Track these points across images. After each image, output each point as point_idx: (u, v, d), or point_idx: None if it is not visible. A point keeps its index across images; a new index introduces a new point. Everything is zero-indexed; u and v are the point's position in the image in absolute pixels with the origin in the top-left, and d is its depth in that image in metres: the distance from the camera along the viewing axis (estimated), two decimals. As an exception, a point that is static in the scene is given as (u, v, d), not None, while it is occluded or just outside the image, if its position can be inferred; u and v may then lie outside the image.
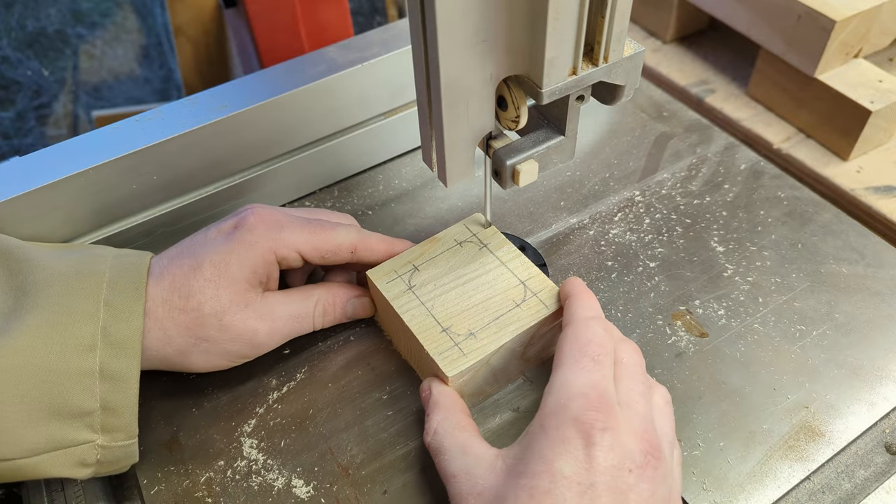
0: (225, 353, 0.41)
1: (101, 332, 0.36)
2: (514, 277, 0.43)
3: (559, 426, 0.32)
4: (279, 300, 0.42)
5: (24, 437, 0.35)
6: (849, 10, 0.58)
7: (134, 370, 0.37)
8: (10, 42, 1.33)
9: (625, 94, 0.37)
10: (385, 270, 0.43)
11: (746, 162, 0.57)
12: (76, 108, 1.44)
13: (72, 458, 0.36)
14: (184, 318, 0.39)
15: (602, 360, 0.35)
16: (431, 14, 0.30)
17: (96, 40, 1.41)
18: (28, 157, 0.47)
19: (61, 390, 0.35)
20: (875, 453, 0.41)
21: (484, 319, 0.41)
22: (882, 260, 0.49)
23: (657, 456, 0.33)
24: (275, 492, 0.39)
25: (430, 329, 0.40)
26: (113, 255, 0.39)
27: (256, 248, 0.40)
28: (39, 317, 0.35)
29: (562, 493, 0.31)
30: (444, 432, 0.37)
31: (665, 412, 0.36)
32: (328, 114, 0.53)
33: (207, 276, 0.39)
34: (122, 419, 0.37)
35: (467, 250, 0.44)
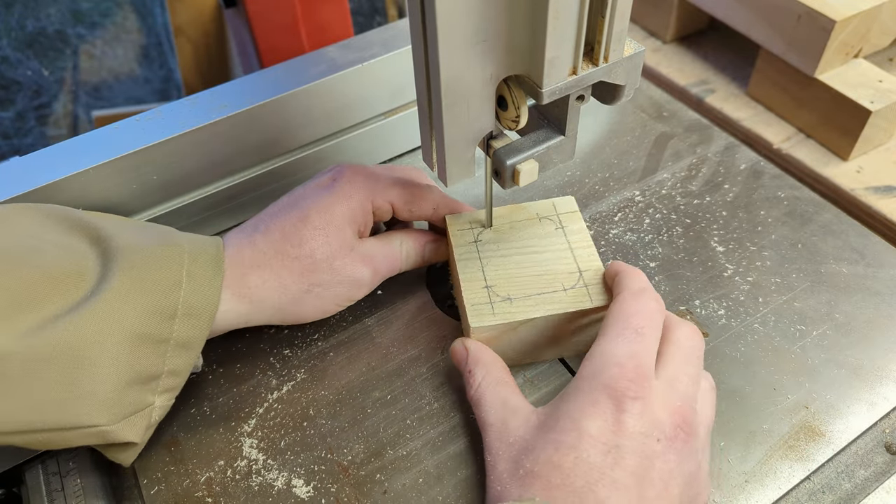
0: (335, 296, 0.43)
1: (182, 303, 0.37)
2: (574, 263, 0.44)
3: (592, 390, 0.34)
4: (374, 244, 0.45)
5: (116, 402, 0.36)
6: (849, 10, 0.58)
7: (202, 337, 0.39)
8: (10, 42, 1.33)
9: (625, 94, 0.37)
10: (462, 220, 0.46)
11: (746, 162, 0.57)
12: (76, 108, 1.44)
13: (143, 422, 0.37)
14: (298, 265, 0.41)
15: (645, 332, 0.35)
16: (431, 14, 0.30)
17: (96, 40, 1.41)
18: (28, 157, 0.47)
19: (143, 354, 0.36)
20: (875, 453, 0.41)
21: (527, 291, 0.42)
22: (882, 260, 0.49)
23: (688, 431, 0.33)
24: (275, 492, 0.39)
25: (474, 281, 0.43)
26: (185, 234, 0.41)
27: (356, 198, 0.43)
28: (127, 282, 0.36)
29: (585, 450, 0.32)
30: (487, 386, 0.39)
31: (708, 396, 0.37)
32: (328, 114, 0.53)
33: (316, 225, 0.42)
34: (178, 379, 0.39)
35: (544, 226, 0.46)
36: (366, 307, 0.48)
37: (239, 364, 0.45)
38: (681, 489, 0.33)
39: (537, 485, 0.32)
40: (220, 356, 0.46)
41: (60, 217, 0.39)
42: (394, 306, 0.48)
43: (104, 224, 0.39)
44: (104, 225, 0.39)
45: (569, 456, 0.32)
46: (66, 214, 0.40)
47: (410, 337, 0.46)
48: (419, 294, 0.49)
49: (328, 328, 0.47)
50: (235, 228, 0.44)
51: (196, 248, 0.39)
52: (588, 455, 0.32)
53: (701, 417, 0.35)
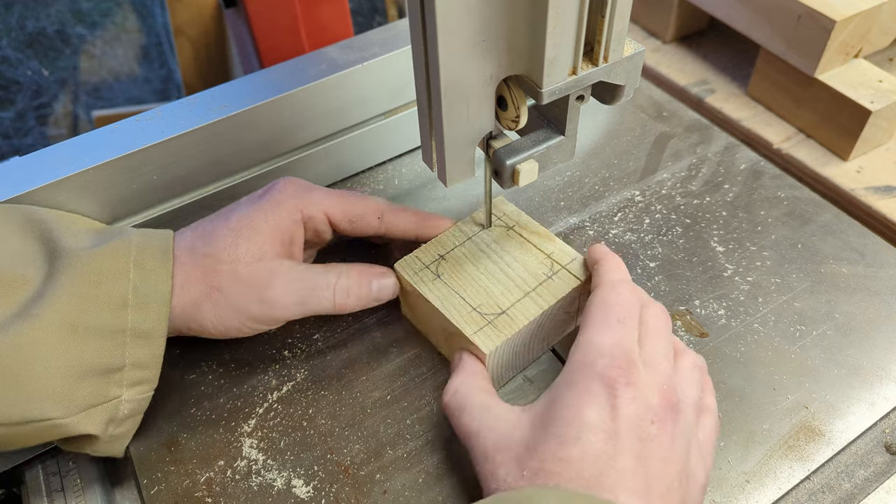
0: (235, 310, 0.40)
1: (133, 292, 0.37)
2: (541, 252, 0.44)
3: (585, 380, 0.34)
4: (297, 264, 0.42)
5: (68, 395, 0.36)
6: (849, 10, 0.58)
7: (162, 327, 0.38)
8: (10, 42, 1.33)
9: (625, 93, 0.37)
10: (411, 262, 0.44)
11: (746, 162, 0.57)
12: (76, 108, 1.44)
13: (104, 415, 0.37)
14: (202, 262, 0.40)
15: (627, 322, 0.36)
16: (431, 14, 0.30)
17: (96, 40, 1.41)
18: (28, 157, 0.47)
19: (96, 347, 0.36)
20: (875, 453, 0.41)
21: (512, 297, 0.42)
22: (882, 260, 0.49)
23: (676, 410, 0.34)
24: (275, 492, 0.39)
25: (461, 310, 0.41)
26: (137, 229, 0.41)
27: (283, 206, 0.42)
28: (73, 276, 0.37)
29: (589, 440, 0.32)
30: (467, 391, 0.38)
31: (691, 375, 0.37)
32: (328, 114, 0.53)
33: (231, 226, 0.41)
34: (148, 372, 0.39)
35: (491, 233, 0.46)
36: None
37: (239, 364, 0.45)
38: (678, 467, 0.33)
39: (548, 482, 0.32)
40: (220, 356, 0.46)
41: (18, 218, 0.40)
42: (394, 306, 0.48)
43: (57, 226, 0.40)
44: (57, 227, 0.39)
45: (575, 448, 0.32)
46: (24, 215, 0.40)
47: (410, 337, 0.46)
48: (419, 294, 0.49)
49: (328, 328, 0.47)
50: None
51: (144, 239, 0.40)
52: (592, 444, 0.32)
53: (681, 393, 0.36)
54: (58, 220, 0.40)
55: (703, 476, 0.35)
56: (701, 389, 0.37)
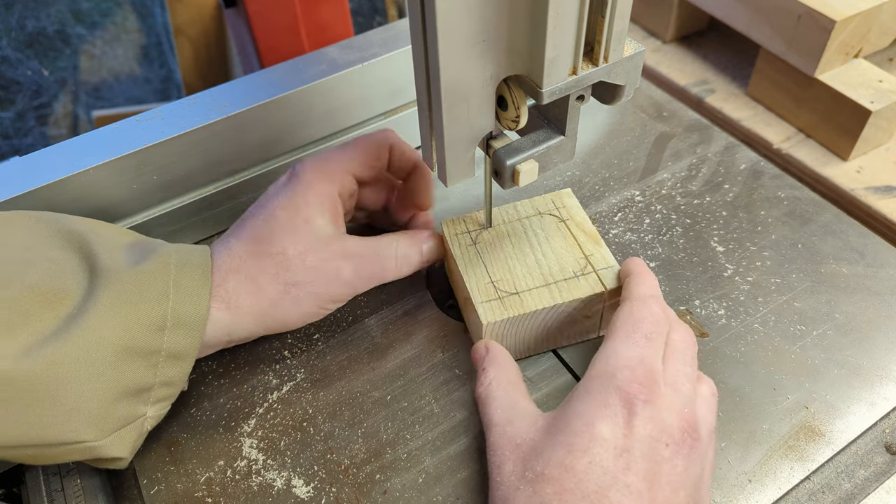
0: (314, 297, 0.41)
1: (171, 313, 0.37)
2: (581, 251, 0.44)
3: (603, 391, 0.34)
4: (358, 241, 0.42)
5: (101, 418, 0.35)
6: (849, 10, 0.58)
7: (195, 348, 0.38)
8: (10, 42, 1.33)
9: (625, 94, 0.37)
10: (457, 224, 0.46)
11: (746, 162, 0.57)
12: (76, 108, 1.44)
13: (133, 434, 0.37)
14: (271, 263, 0.40)
15: (654, 338, 0.36)
16: (431, 14, 0.30)
17: (96, 40, 1.41)
18: (28, 157, 0.47)
19: (132, 368, 0.36)
20: (875, 453, 0.41)
21: (533, 283, 0.42)
22: (882, 260, 0.49)
23: (695, 436, 0.33)
24: (275, 492, 0.39)
25: (478, 279, 0.43)
26: (174, 245, 0.41)
27: (313, 186, 0.42)
28: (112, 296, 0.36)
29: (598, 453, 0.32)
30: (498, 385, 0.39)
31: (710, 402, 0.37)
32: (328, 114, 0.53)
33: (282, 223, 0.41)
34: (173, 390, 0.39)
35: (545, 221, 0.46)
36: (366, 307, 0.48)
37: (239, 364, 0.45)
38: (688, 494, 0.33)
39: (548, 488, 0.32)
40: (220, 356, 0.46)
41: (55, 228, 0.39)
42: (394, 306, 0.48)
43: (95, 238, 0.39)
44: (94, 239, 0.39)
45: (582, 459, 0.32)
46: (62, 225, 0.39)
47: (410, 337, 0.46)
48: (419, 294, 0.49)
49: (328, 328, 0.47)
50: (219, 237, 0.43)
51: (182, 257, 0.39)
52: (601, 458, 0.32)
53: (701, 419, 0.35)
54: (94, 232, 0.39)
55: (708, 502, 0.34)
56: (716, 417, 0.37)
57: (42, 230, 0.39)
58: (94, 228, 0.40)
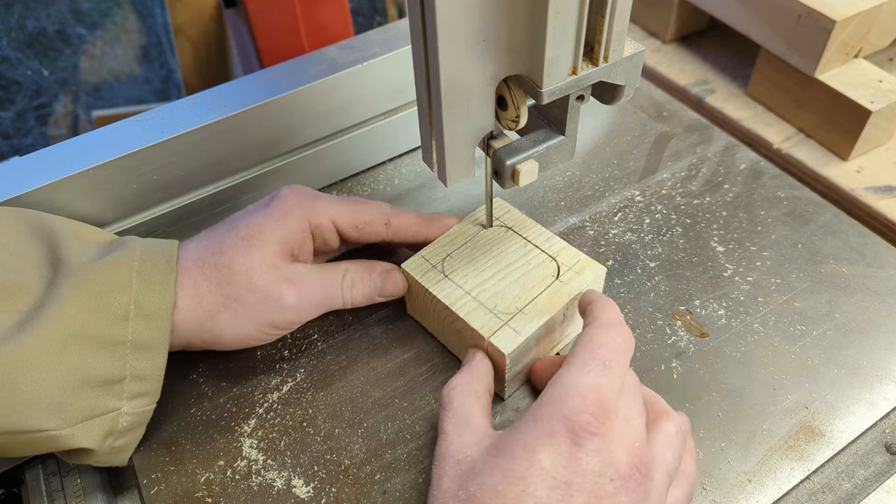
0: (253, 318, 0.40)
1: (134, 303, 0.37)
2: (545, 254, 0.44)
3: (550, 419, 0.32)
4: (306, 268, 0.42)
5: (62, 406, 0.35)
6: (849, 10, 0.58)
7: (164, 339, 0.38)
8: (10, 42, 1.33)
9: (625, 93, 0.37)
10: (418, 262, 0.44)
11: (746, 162, 0.57)
12: (76, 108, 1.44)
13: (102, 427, 0.37)
14: (215, 273, 0.39)
15: (612, 367, 0.34)
16: (431, 14, 0.30)
17: (96, 40, 1.41)
18: (28, 157, 0.47)
19: (95, 358, 0.36)
20: (875, 453, 0.41)
21: (527, 296, 0.42)
22: (882, 260, 0.49)
23: (644, 473, 0.32)
24: (275, 492, 0.39)
25: (476, 311, 0.41)
26: (142, 239, 0.41)
27: (291, 216, 0.41)
28: (75, 287, 0.36)
29: (534, 482, 0.30)
30: (460, 393, 0.38)
31: (672, 441, 0.35)
32: (328, 114, 0.53)
33: (241, 235, 0.40)
34: (149, 385, 0.38)
35: (494, 233, 0.46)
36: (366, 307, 0.48)
37: (239, 364, 0.45)
38: None
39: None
40: (219, 356, 0.46)
41: (28, 224, 0.39)
42: (394, 306, 0.48)
43: (66, 234, 0.39)
44: (65, 236, 0.39)
45: (515, 487, 0.30)
46: (36, 221, 0.40)
47: (410, 337, 0.46)
48: (419, 294, 0.49)
49: (328, 328, 0.47)
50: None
51: (147, 250, 0.39)
52: (535, 488, 0.30)
53: (657, 460, 0.33)
54: (67, 230, 0.40)
55: None
56: (679, 457, 0.35)
57: (14, 225, 0.39)
58: (72, 228, 0.40)
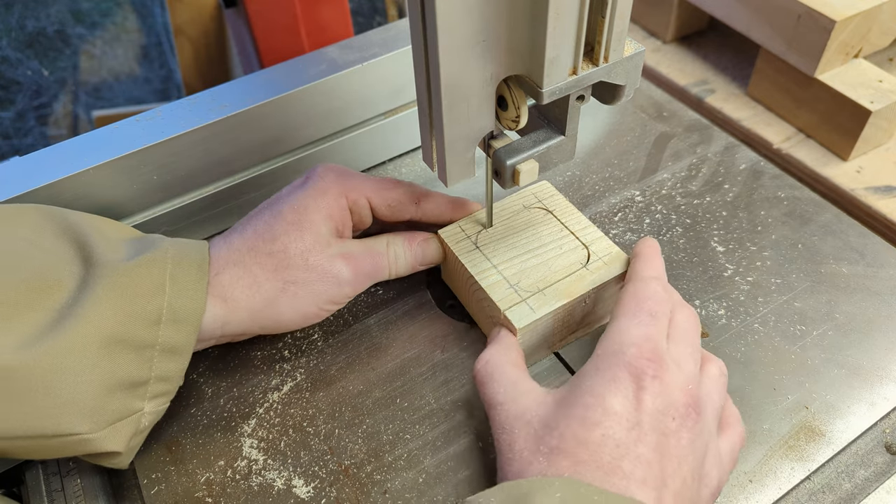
0: (313, 297, 0.41)
1: (167, 308, 0.37)
2: (578, 241, 0.44)
3: (612, 367, 0.34)
4: (356, 243, 0.43)
5: (98, 409, 0.35)
6: (849, 10, 0.58)
7: (190, 343, 0.38)
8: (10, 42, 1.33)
9: (625, 94, 0.37)
10: (454, 231, 0.45)
11: (746, 162, 0.57)
12: (76, 108, 1.44)
13: (129, 429, 0.37)
14: (271, 261, 0.40)
15: (658, 317, 0.36)
16: (431, 14, 0.30)
17: (96, 40, 1.41)
18: (28, 157, 0.47)
19: (126, 361, 0.36)
20: (875, 453, 0.41)
21: (550, 279, 0.42)
22: (882, 260, 0.49)
23: (698, 411, 0.34)
24: (275, 492, 0.39)
25: (497, 285, 0.42)
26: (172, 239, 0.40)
27: (330, 193, 0.42)
28: (107, 288, 0.36)
29: (611, 426, 0.33)
30: (497, 364, 0.39)
31: (717, 382, 0.37)
32: (328, 114, 0.53)
33: (289, 220, 0.41)
34: (170, 385, 0.38)
35: (533, 215, 0.46)
36: (366, 307, 0.48)
37: (239, 364, 0.45)
38: (692, 467, 0.33)
39: (564, 461, 0.32)
40: (220, 357, 0.46)
41: (56, 221, 0.39)
42: (394, 306, 0.48)
43: (94, 232, 0.39)
44: (93, 233, 0.39)
45: (595, 431, 0.33)
46: (63, 219, 0.40)
47: (410, 337, 0.46)
48: (419, 294, 0.49)
49: (328, 328, 0.47)
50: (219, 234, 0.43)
51: (180, 252, 0.39)
52: (614, 431, 0.33)
53: (705, 396, 0.36)
54: (94, 227, 0.40)
55: (716, 482, 0.35)
56: (724, 396, 0.37)
57: (43, 223, 0.39)
58: (95, 224, 0.40)
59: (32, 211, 0.40)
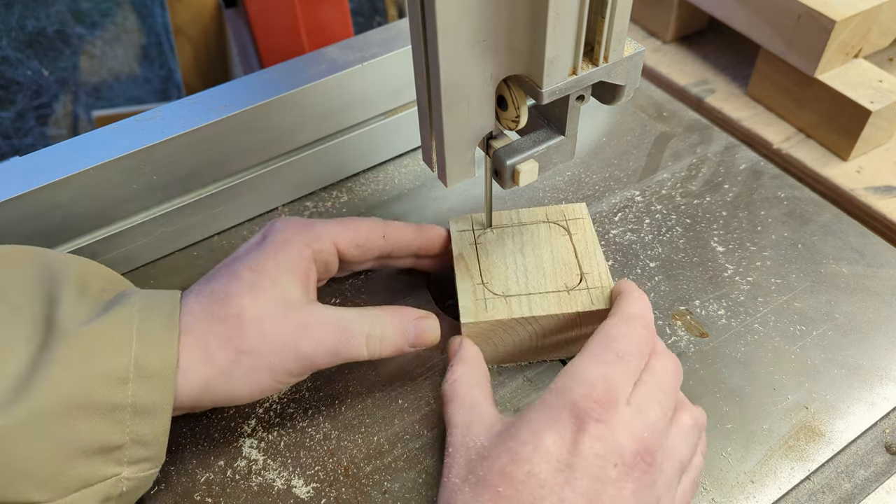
0: (269, 371, 0.37)
1: (134, 365, 0.34)
2: (577, 266, 0.44)
3: (556, 405, 0.33)
4: (326, 309, 0.38)
5: (52, 479, 0.33)
6: (849, 10, 0.58)
7: (167, 401, 0.34)
8: (10, 42, 1.33)
9: (625, 94, 0.37)
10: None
11: (746, 162, 0.57)
12: (76, 108, 1.44)
13: (97, 496, 0.34)
14: (223, 327, 0.36)
15: (626, 360, 0.34)
16: (431, 14, 0.30)
17: (96, 40, 1.41)
18: (28, 157, 0.47)
19: (91, 426, 0.33)
20: (875, 453, 0.41)
21: (524, 290, 0.42)
22: (882, 260, 0.49)
23: (649, 462, 0.32)
24: (275, 492, 0.39)
25: (468, 278, 0.43)
26: (141, 291, 0.38)
27: (291, 246, 0.39)
28: (68, 350, 0.33)
29: (539, 464, 0.32)
30: (461, 384, 0.38)
31: (687, 434, 0.35)
32: (328, 114, 0.53)
33: (245, 280, 0.37)
34: (151, 450, 0.35)
35: (551, 230, 0.46)
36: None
37: (239, 364, 0.45)
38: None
39: (486, 494, 0.32)
40: (220, 356, 0.46)
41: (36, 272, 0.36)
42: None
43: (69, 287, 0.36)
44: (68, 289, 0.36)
45: (522, 468, 0.31)
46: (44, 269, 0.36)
47: (410, 337, 0.46)
48: (419, 294, 0.49)
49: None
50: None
51: (147, 304, 0.36)
52: (540, 470, 0.31)
53: (669, 451, 0.34)
54: (73, 279, 0.36)
55: None
56: (693, 450, 0.35)
57: (22, 274, 0.36)
58: (81, 276, 0.37)
59: (19, 255, 0.37)
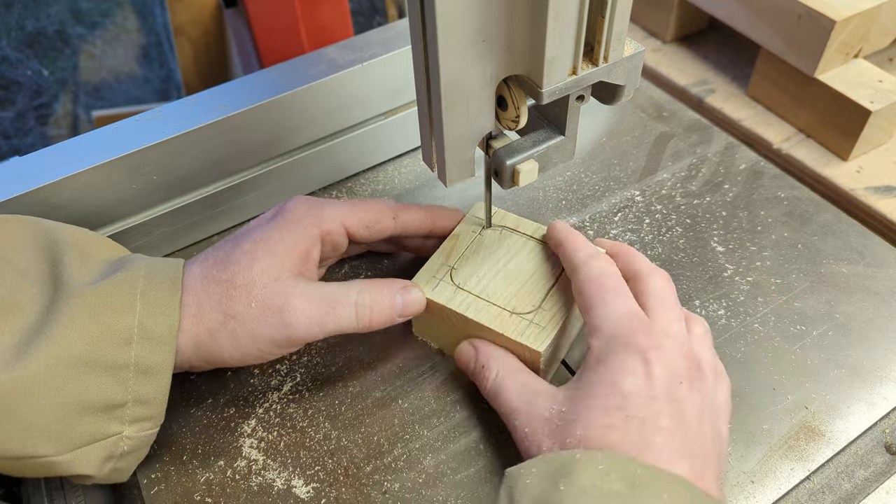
0: (252, 337, 0.38)
1: (138, 326, 0.35)
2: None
3: (615, 352, 0.35)
4: (315, 283, 0.40)
5: (60, 433, 0.34)
6: (849, 10, 0.58)
7: (168, 363, 0.36)
8: (10, 42, 1.33)
9: (625, 94, 0.37)
10: (425, 279, 0.43)
11: (746, 162, 0.57)
12: (76, 108, 1.44)
13: (101, 453, 0.36)
14: (217, 289, 0.38)
15: (621, 290, 0.38)
16: (431, 14, 0.30)
17: (96, 40, 1.41)
18: (28, 157, 0.47)
19: (97, 383, 0.35)
20: (875, 453, 0.41)
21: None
22: (882, 260, 0.49)
23: (699, 369, 0.36)
24: (275, 492, 0.39)
25: (499, 317, 0.41)
26: (146, 257, 0.39)
27: (300, 224, 0.41)
28: (76, 309, 0.35)
29: (631, 407, 0.34)
30: (506, 374, 0.39)
31: (703, 340, 0.39)
32: (328, 114, 0.53)
33: (246, 249, 0.39)
34: (152, 409, 0.37)
35: (489, 236, 0.46)
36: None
37: (239, 364, 0.45)
38: (710, 425, 0.35)
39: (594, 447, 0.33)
40: (220, 356, 0.46)
41: (36, 237, 0.38)
42: (394, 306, 0.48)
43: (72, 251, 0.38)
44: (71, 252, 0.37)
45: (619, 415, 0.34)
46: (44, 234, 0.38)
47: (410, 337, 0.46)
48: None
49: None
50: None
51: (152, 270, 0.37)
52: (636, 411, 0.34)
53: (700, 355, 0.37)
54: (74, 245, 0.38)
55: (727, 433, 0.37)
56: (713, 353, 0.39)
57: (20, 237, 0.38)
58: (80, 242, 0.39)
59: (16, 223, 0.38)
